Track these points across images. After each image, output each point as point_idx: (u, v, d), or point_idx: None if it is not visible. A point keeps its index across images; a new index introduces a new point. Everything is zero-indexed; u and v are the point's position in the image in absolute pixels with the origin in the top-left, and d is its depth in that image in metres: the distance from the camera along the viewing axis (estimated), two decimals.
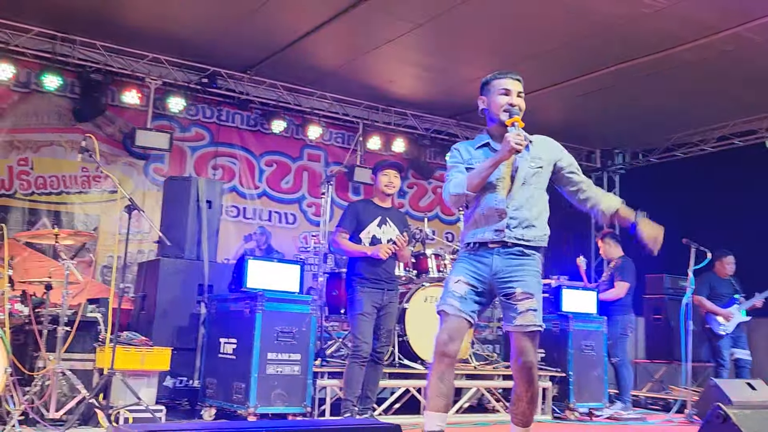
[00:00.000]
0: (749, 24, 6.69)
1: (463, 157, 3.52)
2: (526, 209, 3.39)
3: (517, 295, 3.30)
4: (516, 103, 3.43)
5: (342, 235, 5.10)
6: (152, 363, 5.06)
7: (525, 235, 3.37)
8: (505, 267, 3.35)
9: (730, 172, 9.52)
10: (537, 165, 3.46)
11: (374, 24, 7.12)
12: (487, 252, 3.38)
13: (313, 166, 9.43)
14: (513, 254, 3.36)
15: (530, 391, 3.33)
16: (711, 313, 7.61)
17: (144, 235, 8.10)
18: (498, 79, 3.52)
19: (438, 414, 3.31)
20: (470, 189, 3.36)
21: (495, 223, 3.36)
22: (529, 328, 3.28)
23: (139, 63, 8.07)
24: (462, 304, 3.31)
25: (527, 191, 3.41)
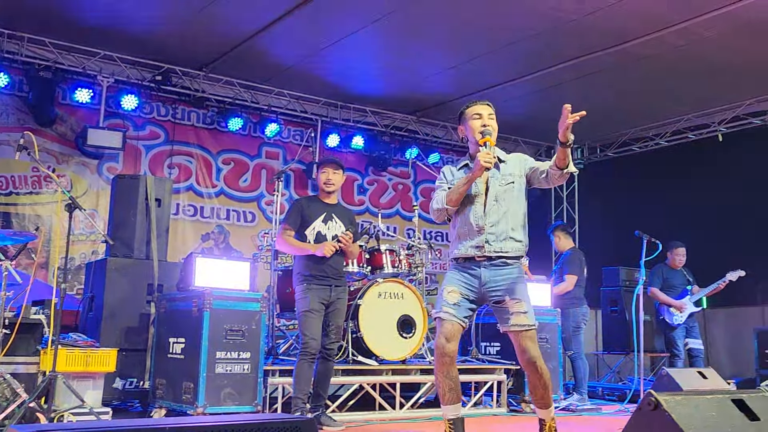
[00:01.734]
0: (699, 18, 6.79)
1: (446, 179, 4.02)
2: (503, 223, 3.83)
3: (506, 302, 3.79)
4: (488, 124, 3.89)
5: (287, 233, 5.06)
6: (98, 365, 4.98)
7: (503, 248, 3.82)
8: (492, 278, 3.81)
9: (685, 165, 9.67)
10: (508, 181, 3.89)
11: (330, 20, 7.09)
12: (474, 265, 3.85)
13: (272, 164, 9.36)
14: (497, 265, 3.82)
15: (542, 380, 3.84)
16: (664, 305, 7.72)
17: (98, 235, 7.97)
18: (470, 107, 4.00)
19: (453, 405, 3.84)
20: (449, 204, 3.86)
21: (475, 238, 3.82)
22: (523, 328, 3.78)
23: (90, 60, 7.94)
24: (456, 311, 3.80)
25: (502, 206, 3.85)
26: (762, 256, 8.42)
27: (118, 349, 5.25)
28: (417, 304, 6.32)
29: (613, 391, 8.09)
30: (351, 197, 9.89)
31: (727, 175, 9.10)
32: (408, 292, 6.33)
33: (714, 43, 7.26)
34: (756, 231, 8.65)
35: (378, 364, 6.01)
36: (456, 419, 3.84)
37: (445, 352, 3.77)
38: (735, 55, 7.56)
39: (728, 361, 9.01)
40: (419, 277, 6.81)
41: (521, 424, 5.98)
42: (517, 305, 3.78)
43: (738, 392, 3.06)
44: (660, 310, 7.80)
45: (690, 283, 7.78)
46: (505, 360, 6.73)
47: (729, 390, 4.86)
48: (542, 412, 3.93)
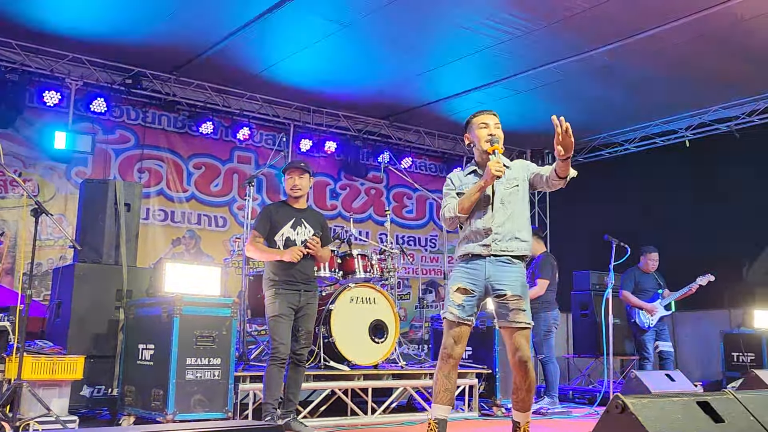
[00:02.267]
0: (666, 26, 6.89)
1: (455, 185, 4.14)
2: (509, 224, 3.97)
3: (507, 297, 3.88)
4: (495, 133, 4.03)
5: (256, 239, 5.03)
6: (64, 372, 4.91)
7: (509, 247, 3.95)
8: (495, 272, 3.92)
9: (653, 170, 9.82)
10: (512, 185, 4.03)
11: (302, 24, 7.07)
12: (479, 260, 3.96)
13: (244, 169, 9.30)
14: (502, 262, 3.94)
15: (527, 381, 3.88)
16: (636, 308, 7.82)
17: (66, 240, 7.84)
18: (477, 116, 4.15)
19: (444, 406, 3.91)
20: (461, 212, 3.98)
21: (483, 238, 3.95)
22: (520, 325, 3.87)
23: (58, 63, 7.83)
24: (461, 312, 3.90)
25: (507, 209, 3.99)
26: (728, 261, 8.58)
27: (85, 356, 5.18)
28: (389, 309, 6.33)
29: (584, 394, 8.18)
30: (323, 202, 9.87)
31: (693, 180, 9.25)
32: (380, 296, 6.33)
33: (681, 51, 7.38)
34: (722, 235, 8.80)
35: (350, 370, 6.00)
36: (441, 420, 3.90)
37: (451, 354, 3.89)
38: (701, 63, 7.69)
39: (696, 364, 9.15)
40: (391, 281, 6.82)
41: (493, 428, 6.01)
42: (517, 302, 3.88)
43: (703, 394, 3.11)
44: (631, 313, 7.90)
45: (661, 287, 7.89)
46: (476, 364, 6.77)
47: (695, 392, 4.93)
48: (520, 415, 3.97)
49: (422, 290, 10.28)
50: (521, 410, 3.97)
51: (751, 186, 8.70)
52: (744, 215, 8.70)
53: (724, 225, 8.80)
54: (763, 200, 8.53)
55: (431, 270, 10.67)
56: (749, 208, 8.66)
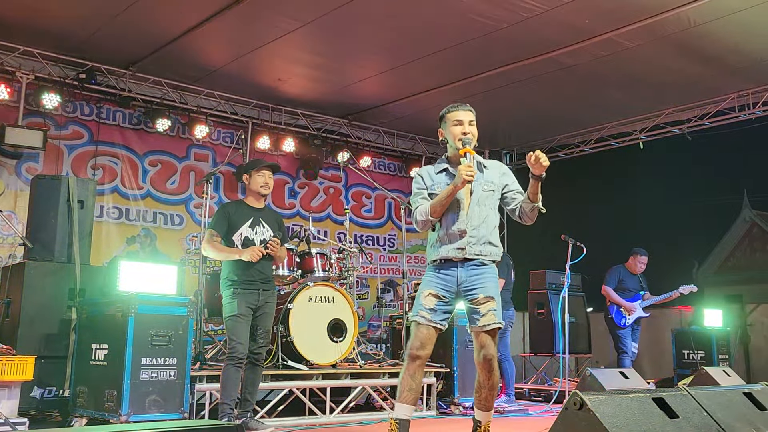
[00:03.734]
0: (621, 30, 7.01)
1: (425, 183, 4.02)
2: (483, 228, 3.90)
3: (479, 300, 3.84)
4: (468, 131, 3.93)
5: (213, 239, 4.97)
6: (14, 373, 4.77)
7: (483, 251, 3.90)
8: (468, 277, 3.86)
9: (608, 171, 10.00)
10: (489, 188, 3.96)
11: (261, 21, 7.00)
12: (452, 266, 3.89)
13: (201, 166, 9.17)
14: (474, 265, 3.88)
15: (491, 380, 3.86)
16: (615, 305, 7.93)
17: (16, 238, 7.62)
18: (451, 111, 4.01)
19: (407, 406, 3.88)
20: (433, 215, 3.89)
21: (457, 241, 3.86)
22: (491, 326, 3.82)
23: (8, 56, 7.61)
24: (432, 315, 3.85)
25: (483, 212, 3.91)
26: (679, 260, 8.78)
27: (36, 357, 5.04)
28: (347, 308, 6.31)
29: (540, 392, 8.27)
30: (282, 201, 9.80)
31: (647, 181, 9.45)
32: (339, 295, 6.31)
33: (636, 55, 7.52)
34: (672, 236, 9.01)
35: (308, 369, 5.97)
36: (403, 420, 3.88)
37: (418, 355, 3.85)
38: (655, 67, 7.86)
39: (648, 362, 9.35)
40: (350, 280, 6.81)
41: (451, 426, 6.04)
42: (489, 303, 3.83)
43: (658, 391, 3.17)
44: (609, 309, 8.01)
45: (643, 289, 8.03)
46: (434, 363, 6.79)
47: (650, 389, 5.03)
48: (482, 414, 3.96)
49: (380, 289, 10.27)
50: (483, 409, 3.96)
51: (701, 188, 8.94)
52: (693, 216, 8.93)
53: (675, 225, 9.02)
54: (712, 202, 8.77)
55: (390, 269, 10.68)
56: (698, 210, 8.89)
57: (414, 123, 10.04)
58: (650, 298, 7.98)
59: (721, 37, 7.09)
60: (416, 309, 3.91)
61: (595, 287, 8.62)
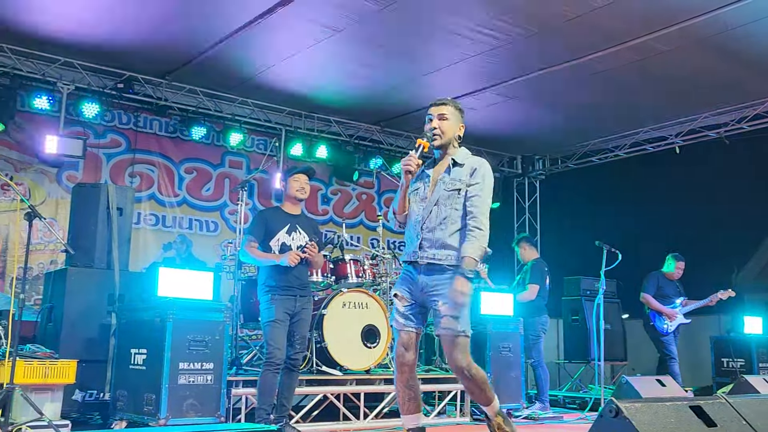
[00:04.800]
0: (654, 34, 6.95)
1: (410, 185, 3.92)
2: (439, 230, 3.70)
3: (440, 306, 3.65)
4: (436, 126, 3.82)
5: (251, 244, 5.03)
6: (57, 376, 4.89)
7: (437, 255, 3.68)
8: (429, 282, 3.71)
9: (643, 176, 9.89)
10: (454, 187, 3.75)
11: (294, 30, 7.09)
12: (414, 269, 3.78)
13: (235, 173, 9.31)
14: (434, 270, 3.71)
15: (474, 383, 3.76)
16: (656, 312, 7.83)
17: (57, 244, 7.82)
18: (429, 108, 3.94)
19: (413, 415, 3.82)
20: (395, 213, 3.88)
21: (414, 242, 3.75)
22: (450, 332, 3.64)
23: (50, 67, 7.82)
24: (405, 319, 3.76)
25: (442, 212, 3.72)
26: (718, 266, 8.64)
27: (77, 361, 5.16)
28: (381, 314, 6.34)
29: (575, 400, 8.20)
30: (315, 207, 9.88)
31: (684, 186, 9.32)
32: (372, 301, 6.34)
33: (669, 58, 7.44)
34: (712, 241, 8.87)
35: (342, 374, 6.01)
36: (416, 429, 3.81)
37: (403, 361, 3.74)
38: (690, 70, 7.76)
39: (686, 370, 9.20)
40: (383, 286, 6.83)
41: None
42: (450, 309, 3.61)
43: (696, 399, 3.14)
44: (650, 316, 7.90)
45: (682, 295, 7.92)
46: None
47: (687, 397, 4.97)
48: (485, 409, 3.94)
49: None
50: (484, 404, 3.91)
51: (740, 192, 8.78)
52: (733, 221, 8.78)
53: (714, 231, 8.88)
54: (751, 206, 8.62)
55: None
56: (738, 214, 8.74)
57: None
58: (689, 304, 7.86)
59: (759, 39, 6.99)
60: (392, 313, 3.86)
61: (631, 293, 8.53)
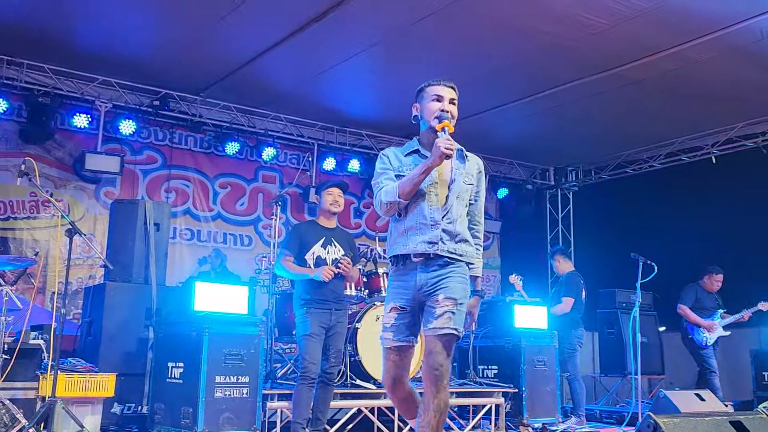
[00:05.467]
0: (690, 43, 6.88)
1: (392, 164, 3.43)
2: (459, 224, 3.34)
3: (439, 300, 3.22)
4: (448, 110, 3.41)
5: (286, 258, 5.08)
6: (97, 389, 4.99)
7: (457, 250, 3.31)
8: (429, 279, 3.27)
9: (678, 187, 9.75)
10: (469, 182, 3.45)
11: (326, 45, 7.16)
12: (411, 269, 3.31)
13: (268, 188, 9.40)
14: (438, 265, 3.28)
15: (437, 399, 3.10)
16: (694, 324, 7.71)
17: (95, 259, 7.97)
18: (432, 86, 3.53)
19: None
20: (402, 196, 3.26)
21: (428, 233, 3.27)
22: (442, 331, 3.16)
23: (88, 86, 7.99)
24: (395, 335, 3.31)
25: (461, 206, 3.38)
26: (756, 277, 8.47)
27: (116, 374, 5.25)
28: None
29: (611, 414, 8.09)
30: (348, 220, 9.93)
31: (722, 196, 9.17)
32: None
33: (706, 68, 7.35)
34: (751, 252, 8.70)
35: (376, 388, 6.01)
36: None
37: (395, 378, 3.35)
38: (727, 79, 7.66)
39: (726, 383, 9.02)
40: None
41: None
42: (447, 305, 3.21)
43: (736, 414, 3.09)
44: (688, 329, 7.78)
45: (720, 307, 7.79)
46: (503, 383, 6.74)
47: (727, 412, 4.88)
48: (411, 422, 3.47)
49: None
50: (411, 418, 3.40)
51: None
52: None
53: (753, 241, 8.71)
54: None
55: None
56: None
57: (477, 141, 9.97)
58: (728, 317, 7.72)
59: None
60: (383, 328, 3.38)
61: (667, 306, 8.40)
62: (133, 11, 6.61)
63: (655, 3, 6.13)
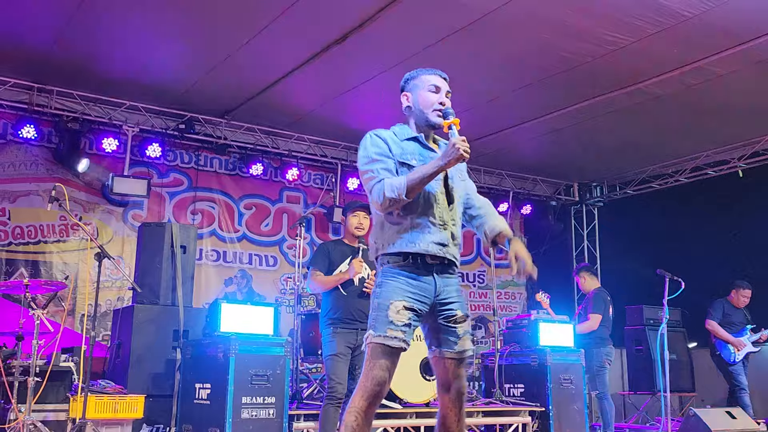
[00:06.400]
0: (711, 58, 6.86)
1: (392, 151, 3.09)
2: (459, 227, 3.14)
3: (458, 318, 3.02)
4: (446, 104, 3.17)
5: (316, 274, 5.11)
6: (126, 411, 5.05)
7: (456, 255, 3.08)
8: (444, 287, 3.03)
9: (705, 201, 9.65)
10: (462, 178, 3.27)
11: (347, 66, 7.24)
12: (426, 269, 3.00)
13: (293, 208, 9.48)
14: (449, 273, 3.07)
15: (460, 423, 3.00)
16: (722, 340, 7.62)
17: (124, 282, 8.08)
18: (426, 74, 3.23)
19: None
20: (409, 195, 2.93)
21: (437, 233, 3.01)
22: (468, 353, 3.03)
23: (116, 111, 8.16)
24: (406, 336, 2.93)
25: (460, 207, 3.18)
26: None
27: (145, 395, 5.31)
28: None
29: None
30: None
31: (747, 210, 9.06)
32: None
33: (729, 81, 7.31)
34: None
35: (402, 407, 6.00)
36: None
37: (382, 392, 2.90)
38: (750, 92, 7.61)
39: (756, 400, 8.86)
40: None
41: None
42: (466, 324, 3.05)
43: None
44: (716, 346, 7.69)
45: (749, 323, 7.70)
46: (529, 402, 6.69)
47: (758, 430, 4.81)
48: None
49: (471, 326, 10.22)
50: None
51: None
52: None
53: None
54: None
55: (480, 305, 10.63)
56: None
57: (500, 158, 10.04)
58: (757, 333, 7.60)
59: None
60: (383, 326, 2.90)
61: (696, 322, 8.30)
62: (158, 38, 6.77)
63: (677, 19, 6.14)
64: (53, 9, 6.21)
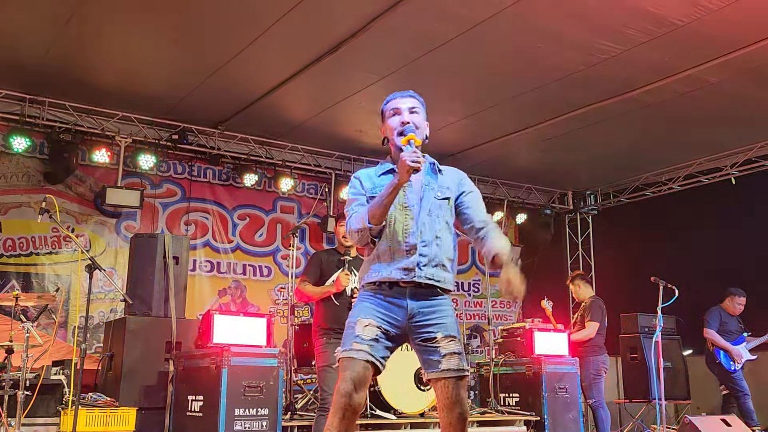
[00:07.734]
0: (702, 66, 6.88)
1: (364, 187, 3.15)
2: (435, 245, 3.04)
3: (438, 340, 2.97)
4: (409, 120, 3.12)
5: (303, 282, 5.09)
6: (117, 424, 5.01)
7: (435, 276, 3.01)
8: (420, 309, 3.00)
9: (698, 209, 9.67)
10: (444, 196, 3.14)
11: (340, 76, 7.24)
12: (398, 292, 2.99)
13: (287, 218, 9.46)
14: (427, 294, 3.02)
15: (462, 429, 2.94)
16: (721, 349, 7.61)
17: (116, 293, 8.04)
18: (387, 102, 3.24)
19: None
20: (372, 221, 2.95)
21: (403, 259, 2.99)
22: (458, 374, 2.94)
23: (108, 122, 8.13)
24: (373, 349, 2.89)
25: (436, 224, 3.06)
26: None
27: (137, 408, 5.27)
28: None
29: None
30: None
31: (741, 218, 9.08)
32: None
33: (721, 89, 7.33)
34: None
35: (396, 418, 5.98)
36: None
37: (351, 404, 2.84)
38: (741, 100, 7.63)
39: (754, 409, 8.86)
40: None
41: None
42: (451, 344, 2.97)
43: None
44: (715, 354, 7.66)
45: (745, 331, 7.69)
46: (524, 411, 6.66)
47: None
48: None
49: (466, 336, 10.20)
50: None
51: None
52: None
53: None
54: None
55: (475, 315, 10.60)
56: None
57: (495, 168, 10.04)
58: (753, 340, 7.60)
59: None
60: (349, 341, 2.92)
61: (691, 330, 8.29)
62: (151, 48, 6.76)
63: (668, 27, 6.16)
64: (45, 20, 6.20)
